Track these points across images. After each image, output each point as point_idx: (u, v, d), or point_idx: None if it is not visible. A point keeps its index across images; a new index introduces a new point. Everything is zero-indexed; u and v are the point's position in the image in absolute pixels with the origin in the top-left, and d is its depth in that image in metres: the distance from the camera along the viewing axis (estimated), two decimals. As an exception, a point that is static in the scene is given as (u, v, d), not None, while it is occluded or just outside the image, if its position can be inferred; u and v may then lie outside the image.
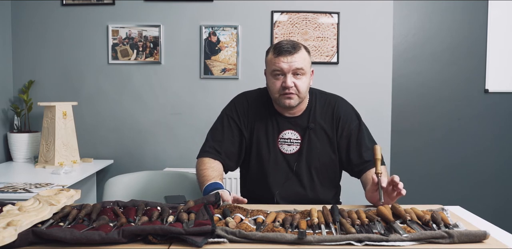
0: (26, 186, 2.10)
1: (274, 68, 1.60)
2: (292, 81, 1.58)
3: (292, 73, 1.58)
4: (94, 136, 2.98)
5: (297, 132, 1.69)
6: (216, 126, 1.75)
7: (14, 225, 1.04)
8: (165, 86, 2.96)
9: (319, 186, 1.70)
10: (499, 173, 3.27)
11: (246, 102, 1.74)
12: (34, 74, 2.96)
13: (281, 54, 1.58)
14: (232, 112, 1.73)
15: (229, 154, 1.71)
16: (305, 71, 1.60)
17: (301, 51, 1.60)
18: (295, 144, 1.69)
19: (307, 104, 1.71)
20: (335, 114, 1.70)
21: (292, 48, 1.58)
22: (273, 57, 1.60)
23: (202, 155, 1.70)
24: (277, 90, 1.61)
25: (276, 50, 1.60)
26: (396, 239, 1.07)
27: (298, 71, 1.58)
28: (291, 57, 1.57)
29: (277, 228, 1.15)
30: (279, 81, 1.60)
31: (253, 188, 1.77)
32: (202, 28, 2.91)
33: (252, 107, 1.73)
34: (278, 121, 1.70)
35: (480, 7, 3.18)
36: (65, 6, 2.94)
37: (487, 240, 1.09)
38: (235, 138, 1.71)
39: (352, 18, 2.92)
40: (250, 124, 1.72)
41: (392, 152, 3.00)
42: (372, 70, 2.94)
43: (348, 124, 1.69)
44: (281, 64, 1.58)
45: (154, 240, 1.06)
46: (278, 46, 1.60)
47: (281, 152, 1.69)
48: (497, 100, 3.23)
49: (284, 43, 1.60)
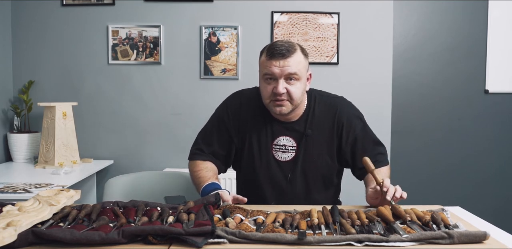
0: (26, 187, 2.10)
1: (266, 71, 1.49)
2: (284, 87, 1.47)
3: (285, 78, 1.47)
4: (94, 136, 2.98)
5: (293, 138, 1.59)
6: (207, 127, 1.69)
7: (14, 226, 1.04)
8: (165, 86, 2.96)
9: (316, 195, 1.63)
10: (499, 173, 3.27)
11: (239, 104, 1.65)
12: (34, 74, 2.96)
13: (273, 57, 1.46)
14: (223, 114, 1.65)
15: (219, 157, 1.65)
16: (299, 76, 1.48)
17: (295, 54, 1.47)
18: (290, 151, 1.59)
19: (304, 108, 1.60)
20: (337, 120, 1.59)
21: (286, 51, 1.46)
22: (266, 60, 1.49)
23: (193, 157, 1.66)
24: (268, 96, 1.50)
25: (269, 52, 1.48)
26: (396, 239, 1.06)
27: (291, 76, 1.46)
28: (284, 61, 1.45)
29: (277, 228, 1.15)
30: (270, 86, 1.49)
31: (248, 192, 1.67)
32: (202, 29, 2.91)
33: (244, 110, 1.63)
34: (273, 127, 1.60)
35: (480, 7, 3.19)
36: (65, 6, 2.94)
37: (487, 240, 1.08)
38: (225, 141, 1.64)
39: (352, 19, 2.92)
40: (242, 128, 1.62)
41: (392, 152, 3.00)
42: (372, 71, 2.94)
43: (352, 129, 1.60)
44: (273, 68, 1.46)
45: (154, 241, 1.06)
46: (271, 47, 1.49)
47: (275, 159, 1.59)
48: (497, 100, 3.23)
49: (278, 45, 1.48)
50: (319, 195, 1.64)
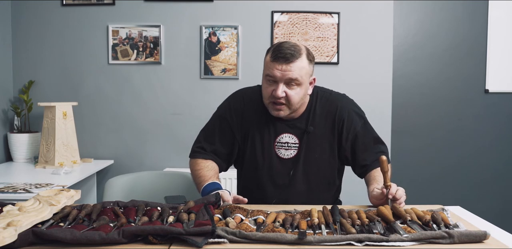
0: (26, 187, 2.10)
1: (268, 73, 1.50)
2: (284, 91, 1.48)
3: (285, 82, 1.48)
4: (94, 136, 2.98)
5: (295, 135, 1.60)
6: (209, 125, 1.69)
7: (14, 226, 1.04)
8: (165, 86, 2.96)
9: (317, 193, 1.63)
10: (499, 173, 3.27)
11: (242, 102, 1.65)
12: (34, 74, 2.96)
13: (276, 60, 1.46)
14: (225, 113, 1.65)
15: (221, 156, 1.65)
16: (300, 82, 1.48)
17: (299, 60, 1.47)
18: (293, 149, 1.60)
19: (306, 106, 1.62)
20: (338, 117, 1.60)
21: (291, 55, 1.45)
22: (269, 61, 1.50)
23: (194, 155, 1.65)
24: (268, 96, 1.52)
25: (273, 53, 1.48)
26: (397, 239, 1.07)
27: (292, 81, 1.47)
28: (286, 66, 1.45)
29: (278, 228, 1.15)
30: (270, 88, 1.50)
31: (249, 191, 1.69)
32: (202, 28, 2.91)
33: (247, 108, 1.64)
34: (275, 124, 1.60)
35: (480, 7, 3.18)
36: (65, 6, 2.94)
37: (487, 240, 1.09)
38: (227, 140, 1.64)
39: (352, 18, 2.91)
40: (245, 126, 1.63)
41: (392, 152, 3.00)
42: (372, 70, 2.94)
43: (353, 126, 1.60)
44: (275, 71, 1.46)
45: (154, 241, 1.06)
46: (277, 49, 1.48)
47: (278, 156, 1.60)
48: (497, 100, 3.23)
49: (284, 48, 1.47)
50: (320, 193, 1.64)
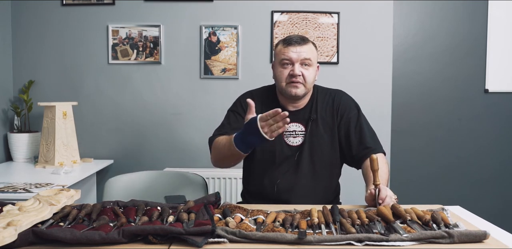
0: (26, 186, 2.10)
1: (283, 57, 1.67)
2: (300, 70, 1.66)
3: (300, 63, 1.66)
4: (94, 136, 2.98)
5: (301, 124, 1.74)
6: (223, 122, 1.79)
7: (14, 225, 1.04)
8: (165, 86, 2.96)
9: (320, 177, 1.74)
10: (499, 173, 3.27)
11: (251, 97, 1.73)
12: (34, 74, 2.96)
13: (290, 44, 1.67)
14: (237, 108, 1.79)
15: None
16: (312, 62, 1.68)
17: (309, 44, 1.70)
18: (300, 136, 1.74)
19: (309, 98, 1.77)
20: (335, 103, 1.77)
21: (301, 40, 1.68)
22: (283, 48, 1.69)
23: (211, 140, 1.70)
24: (284, 79, 1.68)
25: (285, 41, 1.69)
26: (396, 239, 1.07)
27: (306, 61, 1.66)
28: (300, 47, 1.66)
29: (277, 228, 1.15)
30: (287, 70, 1.68)
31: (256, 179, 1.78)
32: (202, 28, 2.91)
33: (257, 101, 1.74)
34: None
35: (480, 7, 3.18)
36: (65, 6, 2.94)
37: (487, 240, 1.09)
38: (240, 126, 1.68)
39: (352, 18, 2.91)
40: None
41: (392, 152, 3.00)
42: (372, 70, 2.94)
43: (347, 112, 1.75)
44: (290, 53, 1.66)
45: (154, 240, 1.06)
46: (288, 38, 1.70)
47: (287, 144, 1.74)
48: (497, 100, 3.23)
49: (293, 36, 1.71)
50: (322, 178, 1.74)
